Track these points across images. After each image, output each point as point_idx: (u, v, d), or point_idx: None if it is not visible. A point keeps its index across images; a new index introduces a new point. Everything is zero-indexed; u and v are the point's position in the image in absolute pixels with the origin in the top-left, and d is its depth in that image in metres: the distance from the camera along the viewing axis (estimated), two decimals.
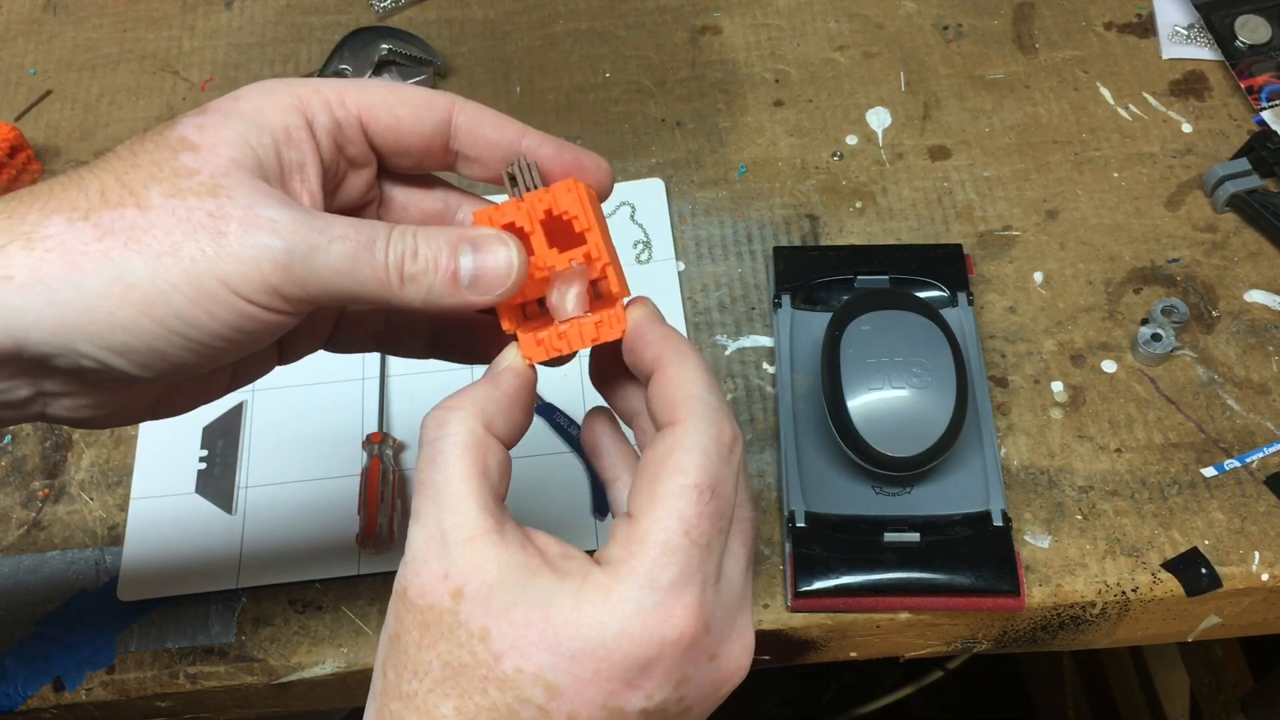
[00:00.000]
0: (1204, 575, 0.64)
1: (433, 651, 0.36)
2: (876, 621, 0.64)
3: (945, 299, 0.72)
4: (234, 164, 0.38)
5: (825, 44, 0.86)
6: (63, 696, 0.63)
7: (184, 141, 0.38)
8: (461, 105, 0.42)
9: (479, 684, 0.35)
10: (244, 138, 0.38)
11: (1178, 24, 0.86)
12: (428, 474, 0.39)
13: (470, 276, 0.39)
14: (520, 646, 0.35)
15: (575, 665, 0.35)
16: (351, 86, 0.41)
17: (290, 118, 0.40)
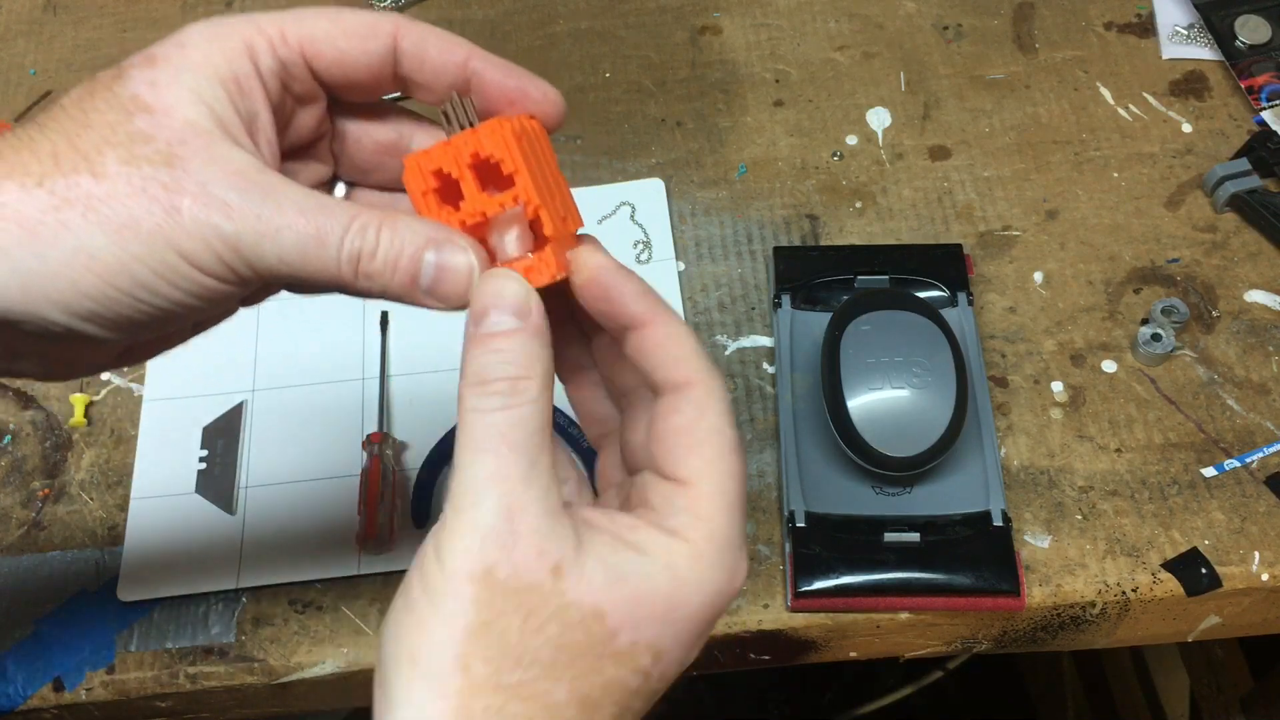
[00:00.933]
0: (1204, 575, 0.64)
1: (541, 636, 0.35)
2: (876, 621, 0.64)
3: (945, 299, 0.72)
4: (189, 127, 0.37)
5: (825, 44, 0.86)
6: (63, 696, 0.63)
7: (137, 101, 0.37)
8: (406, 28, 0.41)
9: (595, 663, 0.35)
10: (198, 94, 0.37)
11: (1178, 24, 0.86)
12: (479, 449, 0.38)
13: (429, 282, 0.39)
14: (635, 621, 0.35)
15: (681, 631, 0.36)
16: (290, 19, 0.39)
17: (239, 64, 0.38)
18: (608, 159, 0.81)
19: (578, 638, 0.35)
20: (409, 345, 0.73)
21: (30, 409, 0.72)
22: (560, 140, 0.82)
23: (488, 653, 0.34)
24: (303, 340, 0.73)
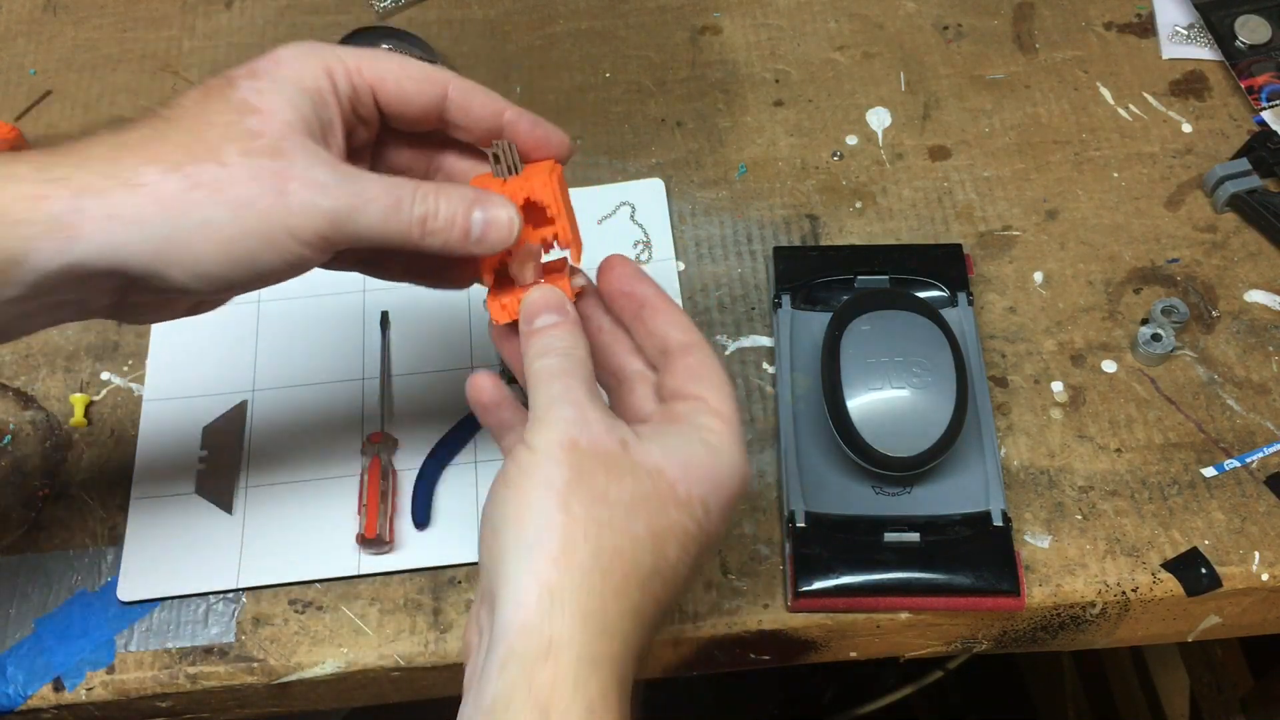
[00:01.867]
0: (1204, 575, 0.64)
1: (619, 485, 0.44)
2: (876, 621, 0.64)
3: (945, 299, 0.72)
4: (288, 126, 0.46)
5: (825, 44, 0.86)
6: (63, 696, 0.63)
7: (247, 105, 0.46)
8: (456, 82, 0.51)
9: (662, 506, 0.45)
10: (292, 102, 0.47)
11: (1178, 24, 0.86)
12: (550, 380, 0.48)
13: (479, 233, 0.48)
14: (688, 478, 0.46)
15: (722, 492, 0.47)
16: (366, 58, 0.49)
17: (322, 81, 0.48)
18: (608, 159, 0.81)
19: (647, 488, 0.45)
20: (409, 345, 0.73)
21: (30, 409, 0.72)
22: None
23: (582, 496, 0.43)
24: (303, 340, 0.73)
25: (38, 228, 0.44)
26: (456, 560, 0.66)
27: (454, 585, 0.66)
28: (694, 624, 0.64)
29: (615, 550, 0.43)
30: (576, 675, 0.41)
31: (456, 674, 0.65)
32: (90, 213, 0.44)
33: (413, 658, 0.64)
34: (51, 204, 0.44)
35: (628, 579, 0.43)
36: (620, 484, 0.44)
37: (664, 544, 0.45)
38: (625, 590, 0.43)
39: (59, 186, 0.44)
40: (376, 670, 0.64)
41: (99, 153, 0.45)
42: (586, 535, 0.43)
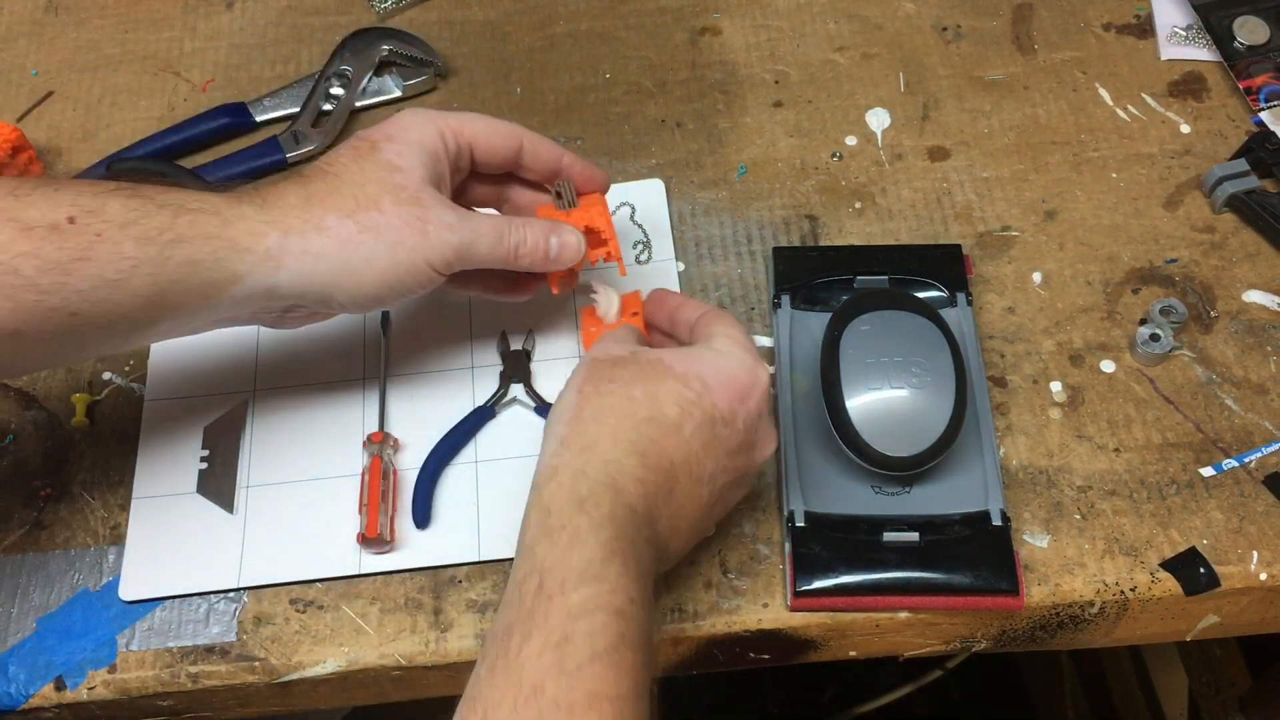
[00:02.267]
0: (1202, 575, 0.64)
1: (624, 369, 0.58)
2: (876, 621, 0.64)
3: (944, 299, 0.72)
4: (422, 180, 0.60)
5: (825, 45, 0.86)
6: (64, 695, 0.63)
7: (392, 165, 0.60)
8: (529, 137, 0.65)
9: (659, 377, 0.57)
10: (422, 161, 0.61)
11: (1176, 25, 0.86)
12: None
13: (555, 254, 0.64)
14: (685, 362, 0.58)
15: (721, 375, 0.58)
16: (465, 122, 0.63)
17: (437, 143, 0.62)
18: (608, 159, 0.81)
19: (646, 369, 0.58)
20: (409, 345, 0.73)
21: (32, 409, 0.72)
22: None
23: (591, 381, 0.57)
24: (303, 340, 0.73)
25: (256, 256, 0.57)
26: (457, 560, 0.66)
27: (454, 584, 0.66)
28: (694, 623, 0.64)
29: (612, 407, 0.56)
30: (573, 485, 0.53)
31: (457, 673, 0.65)
32: (291, 249, 0.57)
33: (413, 657, 0.64)
34: (267, 240, 0.57)
35: (621, 423, 0.56)
36: (624, 369, 0.58)
37: (659, 401, 0.56)
38: (620, 430, 0.55)
39: (272, 227, 0.57)
40: (377, 669, 0.64)
41: (295, 202, 0.58)
42: (590, 402, 0.57)
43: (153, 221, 0.55)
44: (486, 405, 0.71)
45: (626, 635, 0.50)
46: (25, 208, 0.54)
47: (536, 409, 0.71)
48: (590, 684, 0.48)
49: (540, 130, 0.81)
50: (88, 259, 0.54)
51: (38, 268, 0.53)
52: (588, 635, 0.49)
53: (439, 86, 0.86)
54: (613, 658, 0.49)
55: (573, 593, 0.50)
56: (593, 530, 0.52)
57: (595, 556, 0.51)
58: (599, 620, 0.49)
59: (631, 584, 0.51)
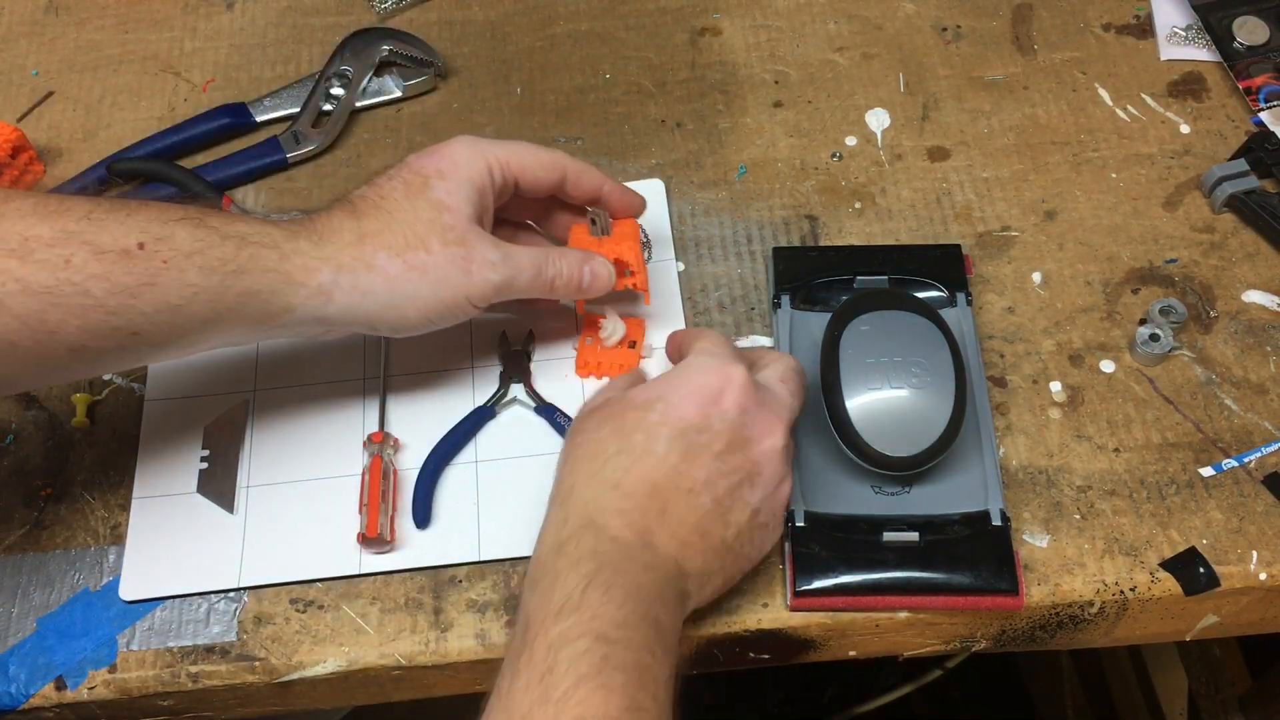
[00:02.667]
0: (1202, 575, 0.64)
1: (597, 416, 0.61)
2: (876, 621, 0.64)
3: (944, 299, 0.72)
4: (469, 220, 0.63)
5: (824, 45, 0.86)
6: (65, 695, 0.63)
7: (442, 204, 0.62)
8: (572, 166, 0.67)
9: (622, 413, 0.60)
10: (470, 199, 0.63)
11: (1176, 25, 0.86)
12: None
13: (588, 284, 0.67)
14: (646, 391, 0.61)
15: (678, 389, 0.60)
16: (513, 154, 0.65)
17: (485, 179, 0.64)
18: (608, 159, 0.81)
19: (611, 409, 0.61)
20: (409, 345, 0.73)
21: (32, 409, 0.72)
22: (561, 141, 0.82)
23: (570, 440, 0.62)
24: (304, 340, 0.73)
25: (309, 290, 0.60)
26: (457, 560, 0.66)
27: (455, 584, 0.66)
28: (694, 623, 0.64)
29: (585, 454, 0.60)
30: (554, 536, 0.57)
31: (457, 673, 0.65)
32: (342, 284, 0.60)
33: (413, 657, 0.64)
34: (320, 275, 0.60)
35: (594, 463, 0.59)
36: (593, 418, 0.61)
37: (625, 433, 0.59)
38: (593, 471, 0.59)
39: (325, 263, 0.60)
40: (377, 669, 0.64)
41: (349, 239, 0.61)
42: (568, 457, 0.61)
43: (216, 252, 0.58)
44: (486, 405, 0.71)
45: (612, 658, 0.51)
46: (99, 231, 0.56)
47: (536, 409, 0.71)
48: (576, 709, 0.49)
49: (540, 130, 0.82)
50: (154, 284, 0.57)
51: (107, 290, 0.56)
52: (570, 662, 0.50)
53: (439, 86, 0.86)
54: (599, 680, 0.50)
55: (553, 627, 0.52)
56: (571, 568, 0.54)
57: (574, 590, 0.53)
58: (580, 647, 0.51)
59: (616, 610, 0.52)
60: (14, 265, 0.54)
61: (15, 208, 0.55)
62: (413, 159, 0.64)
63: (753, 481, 0.60)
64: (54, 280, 0.55)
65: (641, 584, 0.55)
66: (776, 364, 0.65)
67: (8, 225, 0.55)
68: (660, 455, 0.58)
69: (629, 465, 0.58)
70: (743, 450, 0.60)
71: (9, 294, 0.54)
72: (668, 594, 0.56)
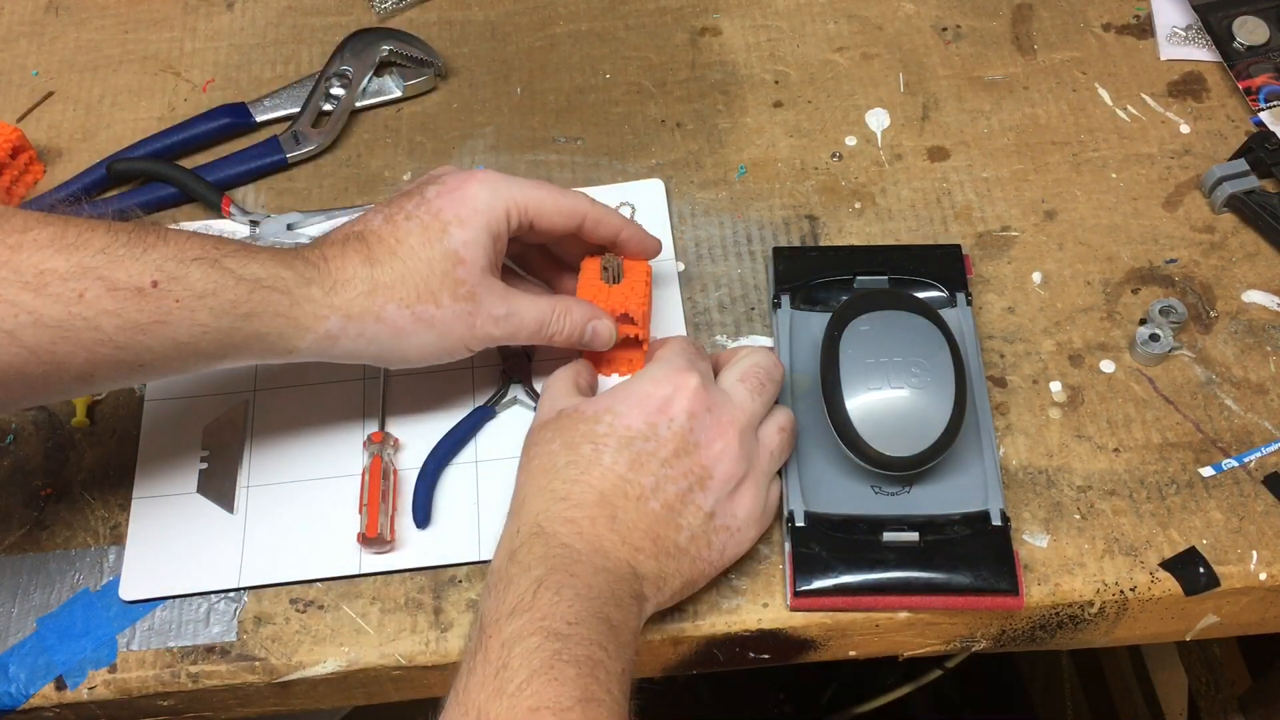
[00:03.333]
0: (1202, 574, 0.64)
1: (549, 430, 0.63)
2: (875, 621, 0.64)
3: (944, 299, 0.72)
4: (481, 271, 0.63)
5: (824, 45, 0.86)
6: (64, 695, 0.63)
7: (456, 257, 0.63)
8: (592, 211, 0.67)
9: (571, 426, 0.62)
10: (485, 249, 0.64)
11: (1176, 25, 0.86)
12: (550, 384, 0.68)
13: (588, 340, 0.68)
14: (595, 404, 0.63)
15: (625, 400, 0.62)
16: (532, 199, 0.65)
17: (502, 224, 0.64)
18: (608, 159, 0.81)
19: (563, 422, 0.63)
20: None
21: (32, 409, 0.72)
22: (561, 141, 0.82)
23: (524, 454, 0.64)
24: None
25: (316, 336, 0.61)
26: (457, 560, 0.66)
27: (455, 584, 0.66)
28: (693, 623, 0.64)
29: (538, 467, 0.61)
30: (508, 545, 0.59)
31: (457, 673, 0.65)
32: (349, 331, 0.62)
33: (414, 657, 0.64)
34: (328, 324, 0.61)
35: (545, 475, 0.61)
36: (547, 430, 0.63)
37: (575, 446, 0.61)
38: (544, 483, 0.60)
39: (335, 311, 0.61)
40: (377, 669, 0.64)
41: (361, 289, 0.61)
42: (522, 471, 0.62)
43: (229, 295, 0.58)
44: (486, 405, 0.71)
45: (564, 653, 0.53)
46: (115, 268, 0.56)
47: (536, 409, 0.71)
48: (530, 700, 0.51)
49: (540, 130, 0.82)
50: (165, 323, 0.57)
51: (118, 326, 0.56)
52: (522, 658, 0.52)
53: (439, 86, 0.86)
54: (551, 674, 0.52)
55: (506, 627, 0.54)
56: (522, 573, 0.56)
57: (526, 592, 0.55)
58: (532, 643, 0.53)
59: (566, 609, 0.54)
60: (28, 298, 0.54)
61: (33, 239, 0.55)
62: (431, 195, 0.64)
63: (704, 485, 0.61)
64: (66, 314, 0.55)
65: (592, 585, 0.56)
66: (740, 363, 0.66)
67: (25, 257, 0.55)
68: (607, 465, 0.60)
69: (576, 476, 0.60)
70: (690, 455, 0.61)
71: (20, 326, 0.54)
72: (621, 595, 0.57)
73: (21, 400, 0.59)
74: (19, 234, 0.55)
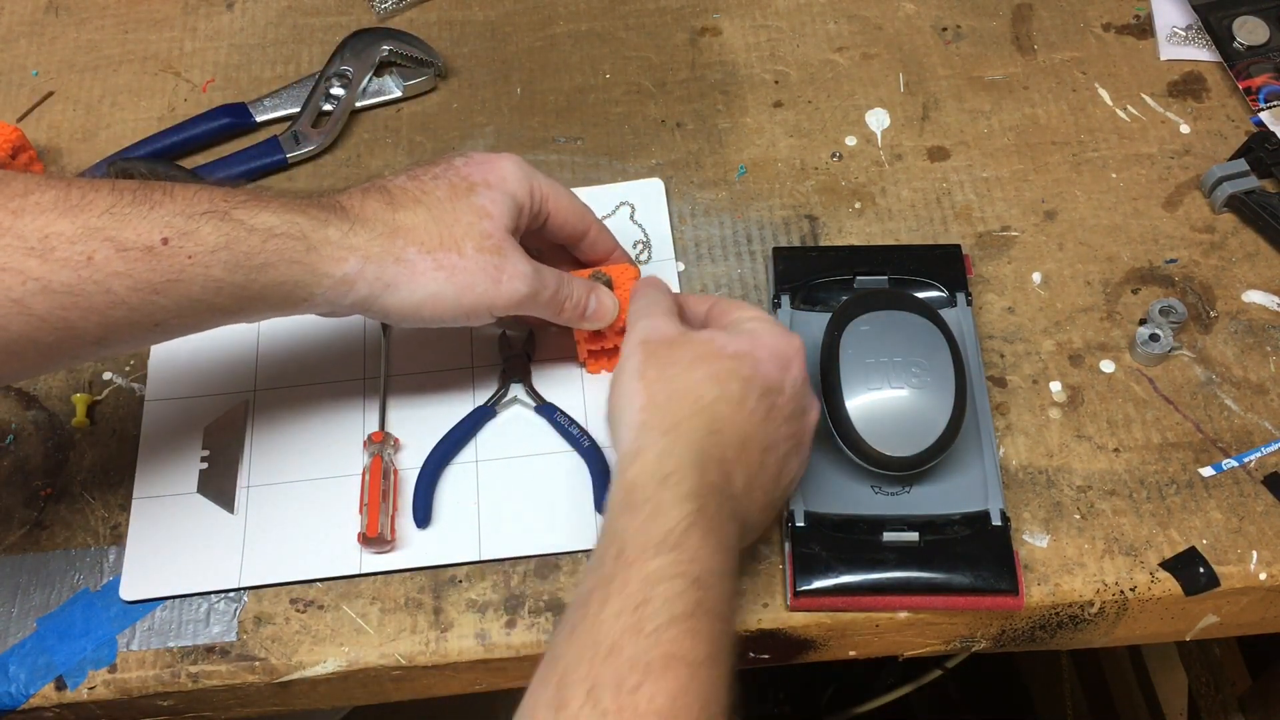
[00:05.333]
0: (1202, 574, 0.64)
1: (681, 352, 0.60)
2: (875, 621, 0.64)
3: (944, 299, 0.72)
4: (506, 230, 0.63)
5: (824, 45, 0.86)
6: (65, 695, 0.63)
7: (484, 210, 0.62)
8: (596, 222, 0.69)
9: (717, 358, 0.60)
10: (509, 211, 0.63)
11: (1176, 25, 0.86)
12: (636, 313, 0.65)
13: (591, 313, 0.67)
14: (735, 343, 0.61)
15: (763, 348, 0.61)
16: (553, 192, 0.66)
17: (526, 199, 0.65)
18: (608, 159, 0.81)
19: (702, 350, 0.60)
20: (409, 345, 0.73)
21: (32, 409, 0.72)
22: (561, 141, 0.82)
23: (652, 367, 0.60)
24: (304, 340, 0.74)
25: (334, 280, 0.59)
26: (457, 559, 0.66)
27: (455, 584, 0.66)
28: None
29: (683, 390, 0.58)
30: (658, 464, 0.55)
31: (457, 673, 0.65)
32: (367, 275, 0.60)
33: (413, 657, 0.64)
34: (347, 265, 0.59)
35: (697, 403, 0.58)
36: (681, 351, 0.60)
37: (724, 381, 0.59)
38: (696, 410, 0.58)
39: (353, 252, 0.59)
40: (377, 669, 0.64)
41: (381, 230, 0.60)
42: (658, 387, 0.59)
43: (242, 247, 0.57)
44: (486, 405, 0.71)
45: (704, 603, 0.51)
46: (123, 227, 0.55)
47: (537, 409, 0.71)
48: (667, 646, 0.49)
49: (540, 130, 0.82)
50: (178, 281, 0.56)
51: (130, 287, 0.55)
52: (665, 600, 0.50)
53: (439, 86, 0.86)
54: (690, 624, 0.50)
55: (652, 560, 0.52)
56: (675, 503, 0.54)
57: (676, 527, 0.53)
58: (677, 586, 0.51)
59: (711, 555, 0.53)
60: (34, 264, 0.53)
61: (35, 202, 0.54)
62: (460, 164, 0.64)
63: (799, 450, 0.62)
64: (75, 279, 0.53)
65: (728, 536, 0.56)
66: None
67: (28, 221, 0.53)
68: (750, 409, 0.59)
69: (728, 414, 0.58)
70: (799, 419, 0.62)
71: (29, 294, 0.53)
72: (739, 548, 0.58)
73: (37, 369, 0.58)
74: (20, 198, 0.54)
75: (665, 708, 0.48)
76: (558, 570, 0.66)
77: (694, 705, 0.49)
